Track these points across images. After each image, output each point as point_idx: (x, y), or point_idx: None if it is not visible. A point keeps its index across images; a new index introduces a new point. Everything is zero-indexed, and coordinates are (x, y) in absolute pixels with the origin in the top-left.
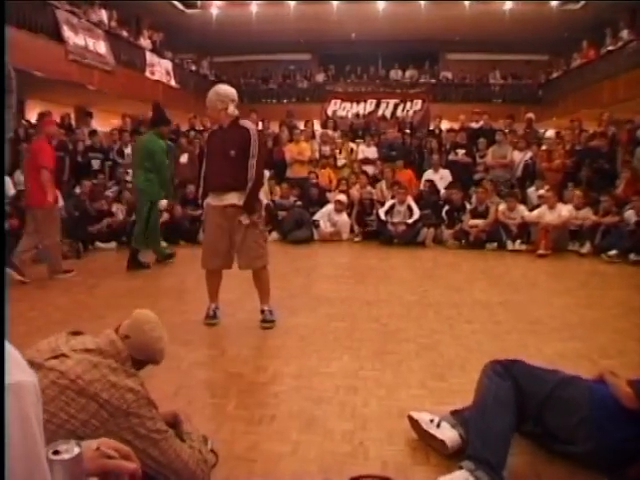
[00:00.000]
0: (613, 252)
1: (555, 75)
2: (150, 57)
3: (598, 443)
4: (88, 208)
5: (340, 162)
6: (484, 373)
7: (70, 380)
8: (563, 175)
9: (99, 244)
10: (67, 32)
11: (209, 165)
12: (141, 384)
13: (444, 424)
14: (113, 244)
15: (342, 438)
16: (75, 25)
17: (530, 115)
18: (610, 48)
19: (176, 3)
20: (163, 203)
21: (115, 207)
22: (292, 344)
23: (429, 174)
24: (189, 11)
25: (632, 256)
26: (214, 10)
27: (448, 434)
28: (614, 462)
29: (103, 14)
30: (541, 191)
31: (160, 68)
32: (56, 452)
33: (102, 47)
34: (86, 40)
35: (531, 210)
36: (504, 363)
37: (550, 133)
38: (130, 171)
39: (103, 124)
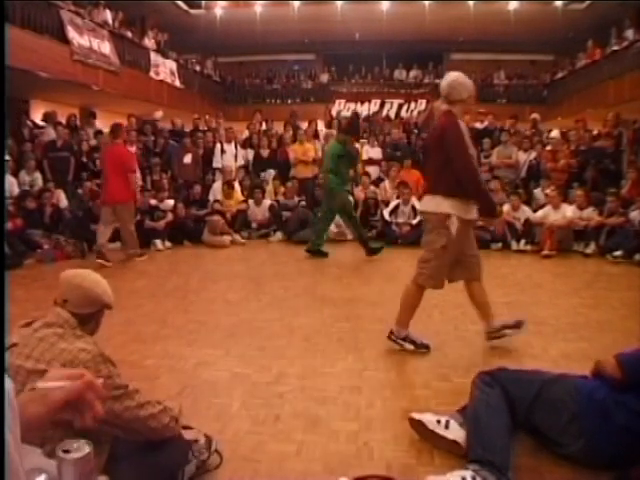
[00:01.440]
0: (618, 252)
1: (560, 75)
2: (154, 57)
3: (590, 438)
4: (92, 208)
5: None
6: (474, 385)
7: (17, 365)
8: (568, 175)
9: None
10: (72, 32)
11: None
12: (93, 343)
13: (453, 423)
14: (117, 244)
15: (346, 438)
16: (80, 25)
17: (535, 115)
18: (615, 48)
19: (180, 3)
20: (169, 203)
21: None
22: (296, 344)
23: None
24: (193, 11)
25: (637, 256)
26: (218, 10)
27: (459, 434)
28: (610, 456)
29: (107, 14)
30: (547, 191)
31: (164, 68)
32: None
33: (107, 47)
34: (91, 40)
35: (536, 210)
36: (491, 372)
37: (555, 133)
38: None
39: (108, 124)
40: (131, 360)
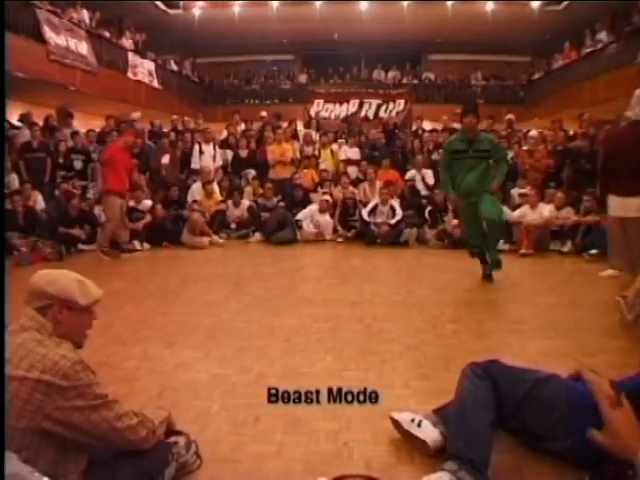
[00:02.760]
0: (594, 251)
1: (537, 76)
2: (132, 58)
3: (577, 440)
4: (68, 209)
5: (322, 165)
6: (463, 375)
7: None
8: (545, 175)
9: (81, 246)
10: (48, 32)
11: None
12: (74, 350)
13: (425, 423)
14: (93, 245)
15: (326, 438)
16: (56, 25)
17: (510, 116)
18: (590, 49)
19: (159, 3)
20: (147, 203)
21: (97, 209)
22: (276, 345)
23: (412, 174)
24: (172, 11)
25: None
26: (197, 11)
27: (429, 434)
28: (594, 458)
29: (85, 14)
30: (523, 190)
31: (142, 69)
32: None
33: (84, 47)
34: (68, 40)
35: (513, 210)
36: (482, 364)
37: (534, 133)
38: None
39: (85, 125)
40: (110, 362)
